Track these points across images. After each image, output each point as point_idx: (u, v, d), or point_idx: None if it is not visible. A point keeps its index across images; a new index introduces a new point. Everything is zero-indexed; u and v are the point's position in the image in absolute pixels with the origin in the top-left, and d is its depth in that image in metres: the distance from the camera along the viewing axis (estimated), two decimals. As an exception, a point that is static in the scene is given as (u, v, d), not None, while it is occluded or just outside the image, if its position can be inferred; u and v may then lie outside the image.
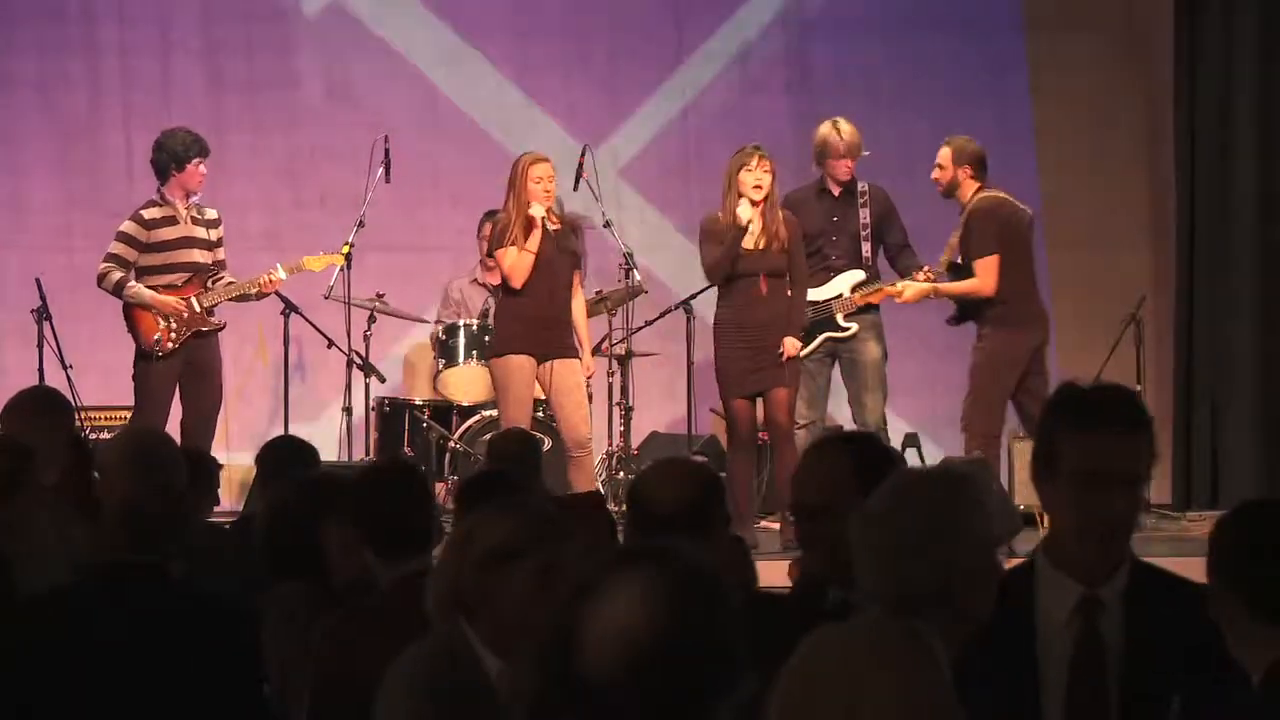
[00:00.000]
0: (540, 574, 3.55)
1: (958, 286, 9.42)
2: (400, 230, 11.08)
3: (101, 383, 10.58)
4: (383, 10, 11.65)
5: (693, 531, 3.87)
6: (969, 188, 9.45)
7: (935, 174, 9.51)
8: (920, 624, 3.10)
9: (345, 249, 9.89)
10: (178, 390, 9.63)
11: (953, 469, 3.27)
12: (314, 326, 10.12)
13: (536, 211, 9.07)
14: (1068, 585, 3.44)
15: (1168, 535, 9.70)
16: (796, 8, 11.89)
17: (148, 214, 9.71)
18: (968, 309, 9.48)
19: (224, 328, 9.80)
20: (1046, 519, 3.54)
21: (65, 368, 9.70)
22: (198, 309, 9.66)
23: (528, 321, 9.17)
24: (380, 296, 10.44)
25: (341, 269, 9.89)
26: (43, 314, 9.92)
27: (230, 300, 9.76)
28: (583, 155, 9.82)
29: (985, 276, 9.33)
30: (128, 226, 9.73)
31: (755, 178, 9.01)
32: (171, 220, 9.70)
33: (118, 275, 9.65)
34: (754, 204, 9.03)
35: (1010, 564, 3.48)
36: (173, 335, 9.60)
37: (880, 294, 9.51)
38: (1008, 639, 3.40)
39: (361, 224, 9.95)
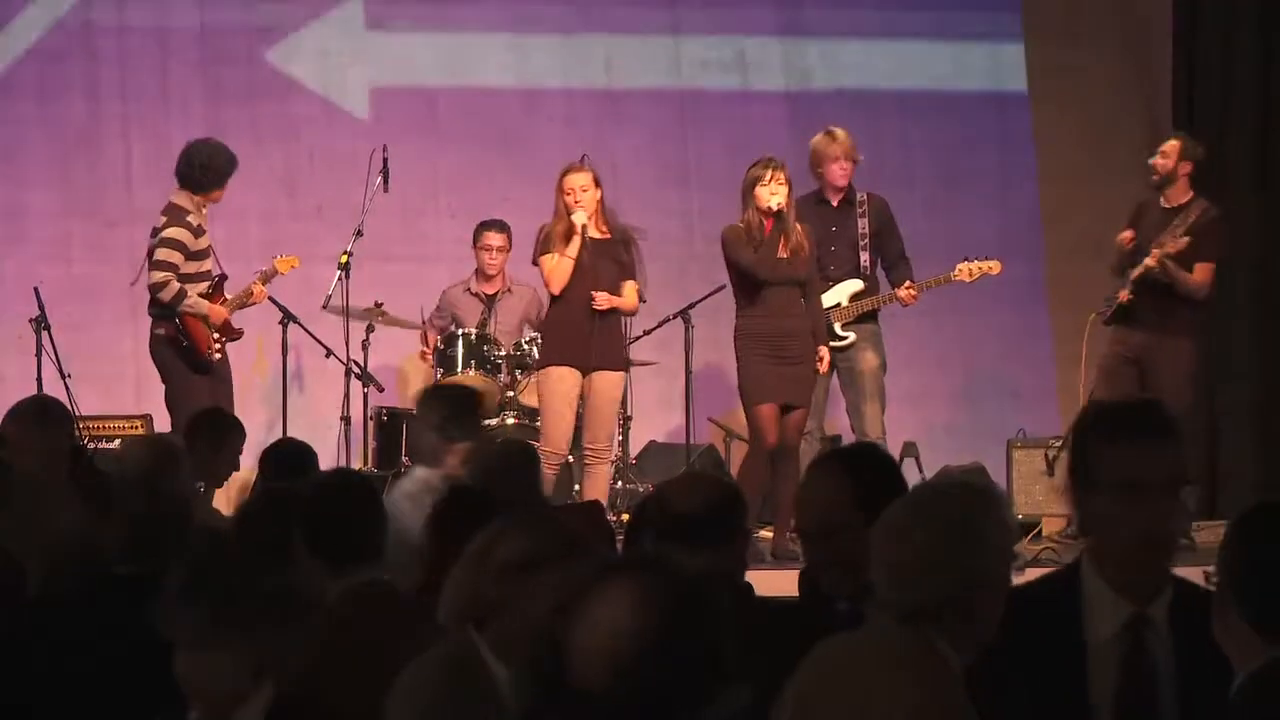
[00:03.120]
0: (567, 582, 3.55)
1: (1188, 277, 9.35)
2: (399, 240, 11.09)
3: (100, 392, 10.58)
4: (380, 19, 11.65)
5: (714, 541, 3.88)
6: (1184, 186, 9.49)
7: (1157, 160, 9.50)
8: (933, 633, 3.10)
9: (344, 258, 9.90)
10: None
11: (971, 481, 3.28)
12: (312, 336, 10.13)
13: (579, 219, 9.11)
14: (1115, 602, 3.42)
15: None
16: (795, 16, 11.90)
17: (191, 220, 9.68)
18: (1150, 297, 9.34)
19: (242, 335, 9.85)
20: (1074, 526, 3.54)
21: (64, 377, 9.69)
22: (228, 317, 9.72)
23: (570, 332, 9.19)
24: (379, 305, 10.43)
25: (340, 278, 9.89)
26: (41, 323, 9.91)
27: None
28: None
29: (1205, 278, 9.38)
30: (177, 234, 9.62)
31: (771, 190, 8.99)
32: (203, 229, 9.71)
33: (178, 286, 9.58)
34: (769, 219, 9.01)
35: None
36: (217, 345, 9.63)
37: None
38: (1055, 655, 3.38)
39: (360, 233, 9.96)
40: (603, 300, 9.19)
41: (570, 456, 9.57)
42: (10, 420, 6.60)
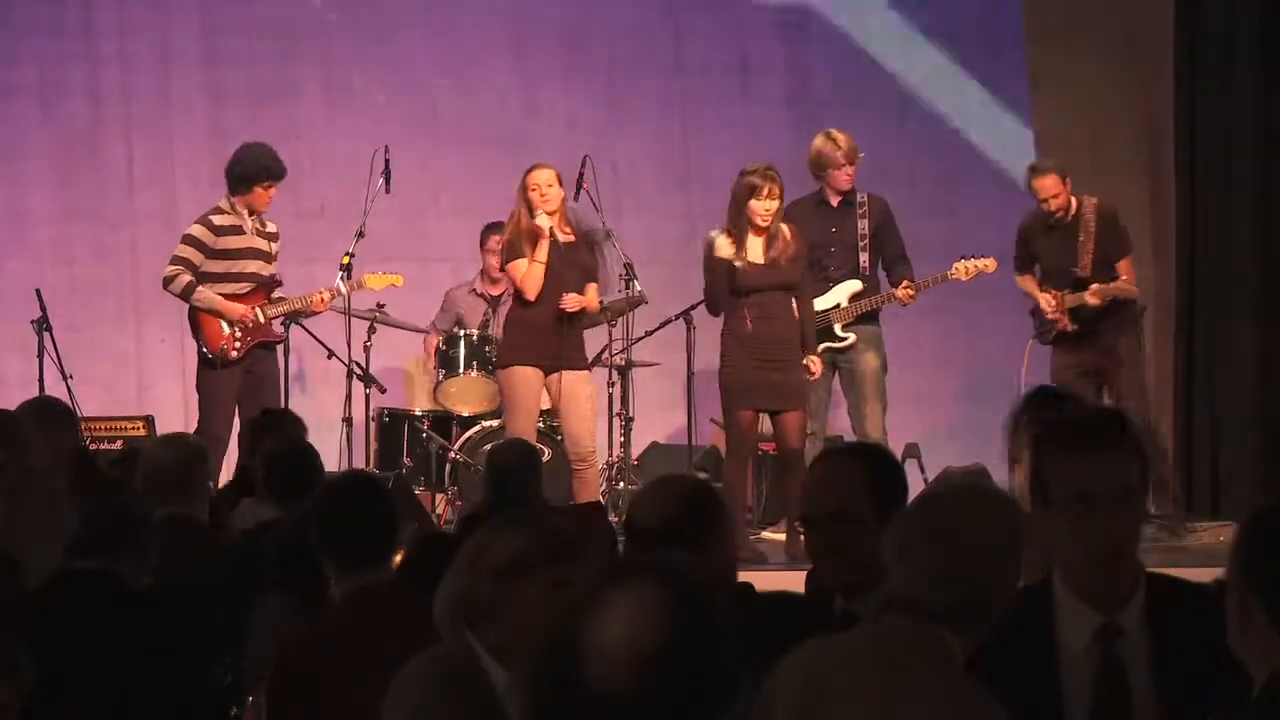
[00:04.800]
0: (553, 587, 3.56)
1: (1123, 287, 9.57)
2: (400, 241, 11.08)
3: (101, 393, 10.59)
4: (382, 21, 11.66)
5: (685, 546, 3.87)
6: (1074, 200, 9.72)
7: (1057, 202, 9.69)
8: (947, 633, 3.12)
9: (345, 259, 9.90)
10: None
11: (990, 484, 3.35)
12: (314, 337, 10.13)
13: (543, 223, 9.09)
14: (1085, 612, 3.45)
15: (1167, 546, 9.68)
16: (796, 19, 11.91)
17: (216, 219, 9.70)
18: (1093, 315, 9.53)
19: (284, 340, 9.84)
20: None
21: (65, 378, 9.70)
22: (262, 319, 9.69)
23: (535, 332, 9.18)
24: (380, 307, 10.43)
25: (342, 279, 9.89)
26: (43, 325, 9.92)
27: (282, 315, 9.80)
28: (583, 166, 9.83)
29: (1132, 273, 9.65)
30: (196, 230, 9.69)
31: (765, 206, 8.92)
32: (238, 229, 9.71)
33: (187, 279, 9.63)
34: (757, 231, 8.96)
35: None
36: (237, 343, 9.62)
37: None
38: (1029, 666, 3.42)
39: (361, 235, 9.95)
40: (572, 301, 9.17)
41: (549, 451, 9.54)
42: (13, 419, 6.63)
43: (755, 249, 8.97)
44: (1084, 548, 3.43)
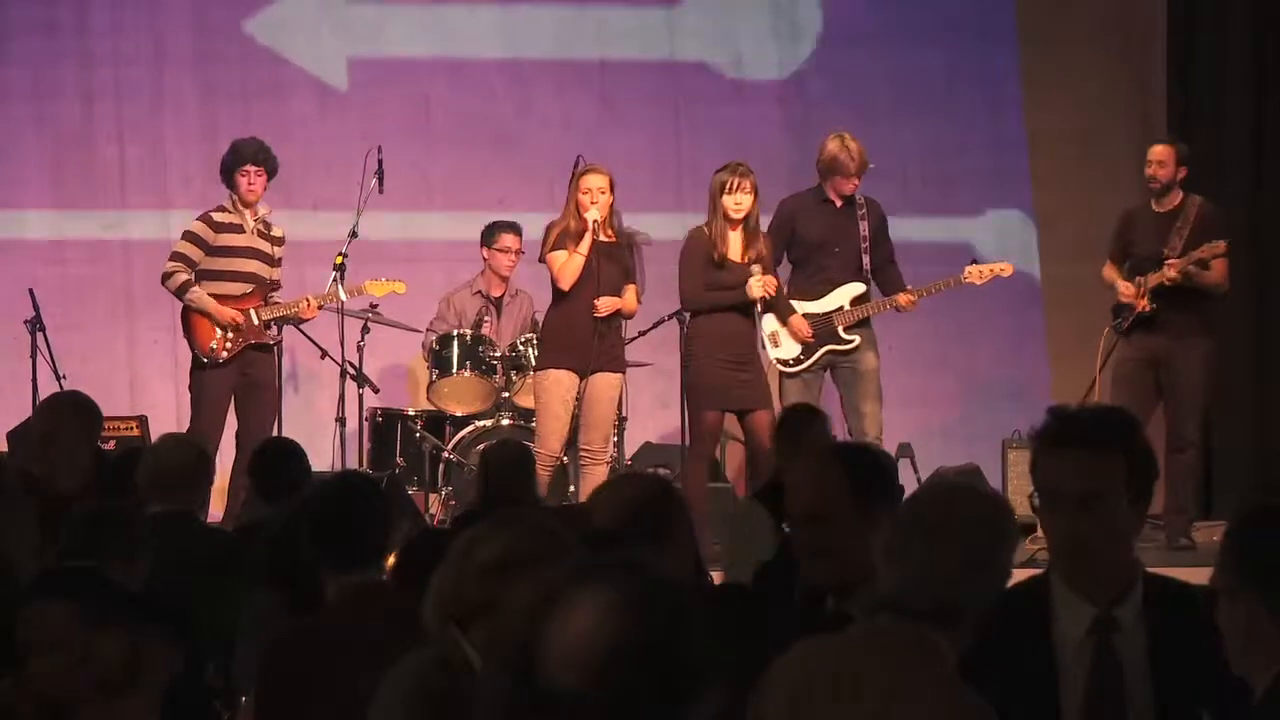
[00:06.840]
0: (543, 587, 3.55)
1: (1209, 276, 9.38)
2: (393, 241, 11.08)
3: (94, 393, 10.53)
4: (375, 20, 11.65)
5: (645, 544, 3.87)
6: (1178, 191, 9.55)
7: (1157, 170, 9.50)
8: (931, 630, 3.13)
9: (338, 259, 9.89)
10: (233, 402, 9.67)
11: (981, 485, 3.37)
12: (307, 337, 10.12)
13: (592, 215, 9.14)
14: (1081, 606, 3.47)
15: (1160, 545, 9.69)
16: (789, 18, 11.90)
17: (217, 216, 9.71)
18: (1171, 301, 9.35)
19: (280, 342, 9.82)
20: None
21: (59, 379, 9.69)
22: (256, 321, 9.67)
23: (569, 333, 9.23)
24: (374, 307, 10.42)
25: (335, 279, 9.87)
26: (36, 325, 9.91)
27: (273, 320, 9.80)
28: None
29: (1224, 272, 9.43)
30: (196, 227, 9.69)
31: (735, 200, 9.00)
32: (238, 228, 9.70)
33: (184, 277, 9.62)
34: (732, 225, 9.01)
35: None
36: (228, 345, 9.61)
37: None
38: (1025, 658, 3.44)
39: (354, 234, 9.95)
40: (605, 306, 9.21)
41: (565, 458, 9.57)
42: (46, 410, 6.75)
43: (735, 247, 9.02)
44: (1052, 541, 3.50)
